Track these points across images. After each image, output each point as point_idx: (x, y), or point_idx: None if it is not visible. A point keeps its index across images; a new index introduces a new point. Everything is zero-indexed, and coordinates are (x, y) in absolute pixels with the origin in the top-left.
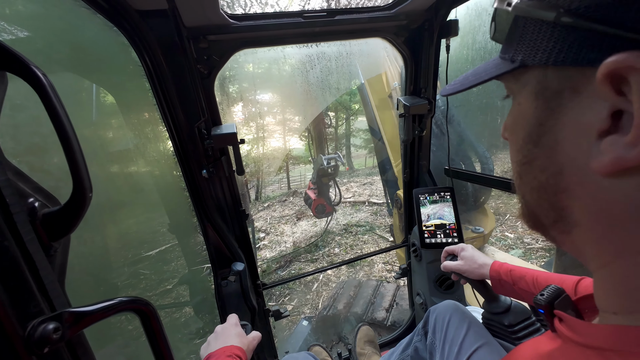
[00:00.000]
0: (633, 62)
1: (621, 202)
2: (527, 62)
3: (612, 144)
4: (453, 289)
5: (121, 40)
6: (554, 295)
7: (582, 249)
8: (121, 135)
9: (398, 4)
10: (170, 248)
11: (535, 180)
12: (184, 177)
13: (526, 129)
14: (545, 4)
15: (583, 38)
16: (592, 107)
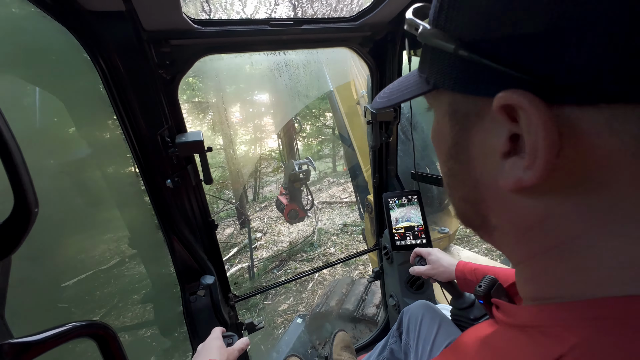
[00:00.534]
0: (517, 101)
1: (527, 215)
2: (438, 86)
3: (513, 166)
4: (424, 288)
5: (72, 42)
6: (490, 285)
7: (503, 249)
8: (73, 144)
9: (363, 16)
10: (132, 265)
11: (460, 191)
12: (146, 187)
13: (446, 145)
14: (446, 35)
15: (479, 71)
16: (494, 131)
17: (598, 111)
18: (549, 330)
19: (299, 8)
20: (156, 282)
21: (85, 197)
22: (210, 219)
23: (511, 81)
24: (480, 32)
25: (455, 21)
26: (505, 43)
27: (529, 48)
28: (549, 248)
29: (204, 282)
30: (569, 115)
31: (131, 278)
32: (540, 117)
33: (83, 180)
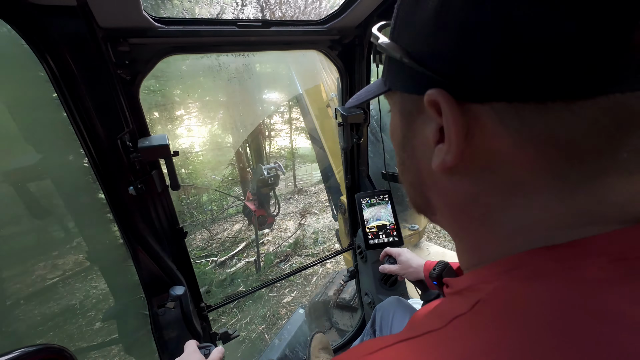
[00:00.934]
0: (436, 96)
1: (456, 192)
2: (392, 88)
3: (439, 151)
4: (397, 285)
5: (16, 39)
6: (442, 268)
7: (445, 227)
8: (19, 151)
9: (331, 20)
10: (91, 280)
11: (408, 177)
12: (105, 196)
13: (398, 138)
14: (396, 47)
15: (416, 75)
16: (429, 124)
17: (491, 108)
18: (476, 286)
19: (267, 10)
20: (120, 296)
21: (32, 209)
22: (179, 227)
23: (436, 83)
24: (417, 47)
25: (402, 37)
26: (431, 55)
27: (446, 59)
28: (474, 219)
29: (173, 293)
30: (474, 110)
31: (90, 294)
32: (450, 109)
33: (29, 191)
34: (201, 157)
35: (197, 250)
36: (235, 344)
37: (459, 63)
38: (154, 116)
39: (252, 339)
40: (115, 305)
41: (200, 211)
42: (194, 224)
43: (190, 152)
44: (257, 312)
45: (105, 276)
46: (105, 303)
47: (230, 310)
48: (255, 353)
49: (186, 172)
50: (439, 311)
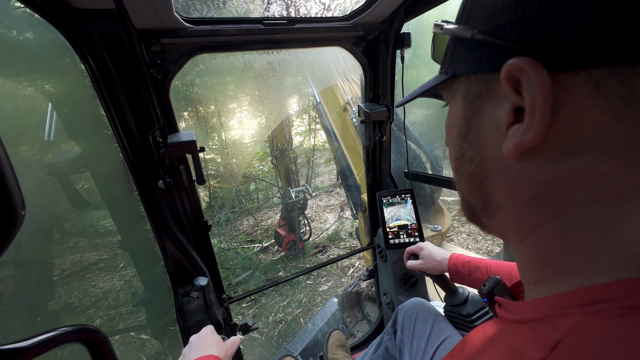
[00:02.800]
0: (520, 64)
1: (529, 182)
2: (456, 73)
3: (514, 131)
4: (417, 286)
5: (60, 41)
6: (494, 284)
7: (505, 230)
8: (62, 145)
9: (355, 16)
10: (123, 267)
11: (466, 170)
12: (137, 189)
13: (458, 128)
14: (465, 27)
15: (491, 50)
16: (501, 105)
17: (588, 75)
18: (551, 320)
19: (292, 7)
20: (148, 284)
21: (73, 199)
22: (204, 220)
23: (517, 53)
24: (491, 21)
25: (473, 17)
26: (510, 25)
27: (530, 27)
28: (551, 219)
29: (197, 284)
30: (564, 80)
31: (122, 280)
32: (537, 76)
33: (71, 183)
34: (250, 149)
35: (243, 235)
36: (273, 324)
37: (548, 27)
38: (210, 109)
39: (288, 320)
40: (143, 292)
41: (247, 199)
42: (241, 210)
43: (240, 143)
44: (295, 297)
45: (136, 265)
46: (135, 290)
47: (270, 293)
48: (290, 334)
49: (236, 162)
50: (504, 344)
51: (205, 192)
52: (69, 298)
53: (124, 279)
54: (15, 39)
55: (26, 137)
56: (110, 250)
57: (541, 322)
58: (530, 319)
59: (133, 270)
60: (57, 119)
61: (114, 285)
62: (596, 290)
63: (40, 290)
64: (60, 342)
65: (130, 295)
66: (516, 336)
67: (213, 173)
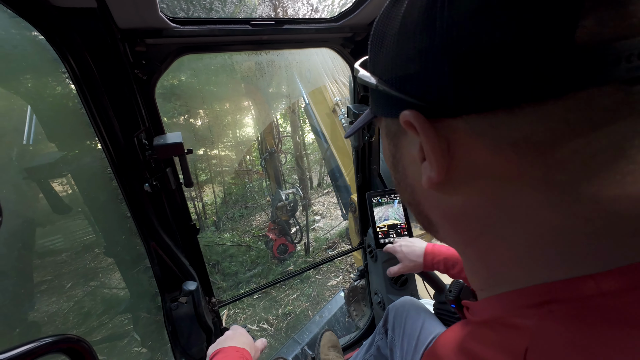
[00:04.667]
0: (407, 117)
1: (450, 207)
2: (376, 114)
3: (425, 167)
4: (407, 284)
5: (37, 40)
6: (458, 289)
7: (451, 244)
8: (40, 148)
9: (343, 17)
10: (107, 273)
11: (404, 197)
12: (122, 192)
13: (389, 161)
14: (371, 76)
15: (392, 99)
16: (414, 144)
17: (463, 121)
18: (509, 320)
19: (279, 8)
20: (134, 290)
21: (54, 204)
22: (192, 223)
23: (408, 104)
24: (388, 73)
25: (377, 67)
26: (401, 79)
27: (413, 82)
28: (478, 235)
29: (186, 288)
30: (450, 126)
31: (107, 287)
32: (422, 128)
33: (51, 187)
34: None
35: (255, 229)
36: (282, 316)
37: (425, 83)
38: (225, 107)
39: (297, 313)
40: (130, 298)
41: (260, 195)
42: (255, 206)
43: (252, 140)
44: (304, 290)
45: (122, 270)
46: (121, 296)
47: (280, 287)
48: (299, 325)
49: (250, 159)
50: (473, 353)
51: (220, 188)
52: (51, 308)
53: (109, 286)
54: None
55: (2, 140)
56: (93, 257)
57: (500, 322)
58: (488, 318)
59: (118, 276)
60: (36, 121)
61: (97, 291)
62: (544, 289)
63: (18, 300)
64: (40, 354)
65: (116, 303)
66: (480, 341)
67: (227, 169)
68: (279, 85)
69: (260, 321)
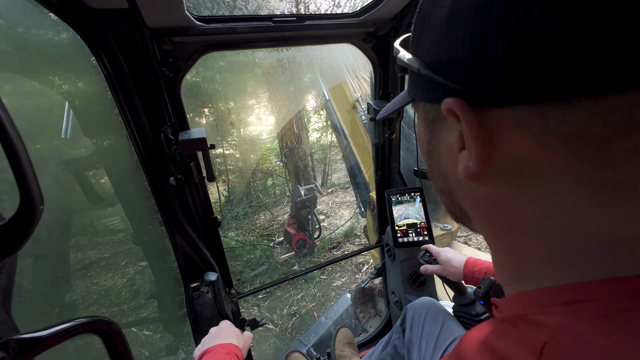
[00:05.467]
0: (450, 104)
1: (484, 199)
2: (415, 98)
3: (462, 156)
4: (425, 285)
5: (75, 40)
6: (489, 286)
7: (483, 235)
8: (76, 142)
9: (365, 12)
10: (135, 262)
11: (437, 185)
12: (149, 185)
13: (424, 147)
14: (414, 59)
15: (434, 84)
16: (452, 131)
17: (512, 111)
18: (532, 317)
19: (301, 4)
20: (160, 278)
21: (89, 195)
22: (213, 216)
23: (452, 91)
24: (433, 56)
25: (420, 49)
26: (446, 64)
27: (460, 67)
28: (511, 228)
29: (207, 279)
30: (495, 116)
31: (135, 274)
32: (466, 117)
33: (87, 179)
34: (268, 144)
35: (259, 229)
36: (287, 317)
37: (474, 70)
38: (245, 104)
39: (302, 314)
40: (155, 286)
41: (265, 194)
42: (259, 205)
43: (258, 139)
44: (309, 291)
45: (149, 259)
46: (147, 284)
47: (285, 286)
48: (304, 326)
49: (254, 158)
50: (495, 347)
51: (224, 186)
52: (85, 291)
53: (137, 273)
54: (34, 39)
55: (44, 134)
56: (123, 246)
57: (523, 319)
58: (513, 315)
59: (145, 264)
60: (73, 117)
61: (127, 278)
62: (574, 289)
63: (57, 282)
64: (76, 333)
65: (142, 290)
66: (503, 337)
67: (232, 168)
68: (300, 82)
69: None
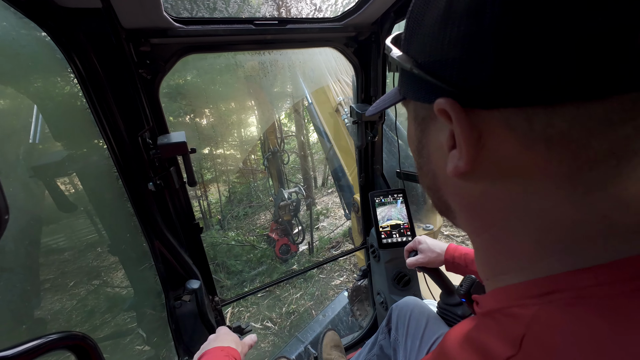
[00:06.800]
0: (443, 104)
1: (470, 196)
2: (406, 96)
3: (452, 155)
4: (410, 285)
5: (46, 40)
6: (470, 284)
7: (466, 231)
8: (47, 147)
9: (346, 17)
10: (112, 272)
11: (425, 182)
12: (126, 191)
13: (413, 145)
14: (406, 57)
15: (426, 84)
16: (442, 130)
17: (499, 113)
18: (510, 310)
19: (283, 8)
20: (138, 288)
21: (59, 203)
22: (195, 222)
23: (444, 91)
24: (425, 56)
25: (412, 47)
26: (439, 64)
27: (452, 68)
28: (492, 225)
29: (190, 287)
30: (483, 117)
31: (111, 285)
32: (458, 117)
33: (57, 185)
34: (249, 147)
35: (260, 229)
36: (286, 315)
37: (464, 71)
38: (229, 106)
39: (300, 312)
40: (135, 296)
41: (265, 194)
42: (259, 205)
43: (256, 140)
44: (308, 289)
45: (126, 268)
46: (126, 294)
47: (284, 285)
48: (302, 324)
49: (255, 158)
50: (475, 341)
51: (225, 187)
52: (57, 305)
53: (113, 284)
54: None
55: (10, 139)
56: (98, 255)
57: (501, 312)
58: (492, 309)
59: (122, 274)
60: (42, 120)
61: (102, 289)
62: (546, 281)
63: (25, 296)
64: (46, 350)
65: (120, 301)
66: (483, 331)
67: (232, 168)
68: (282, 85)
69: (263, 320)
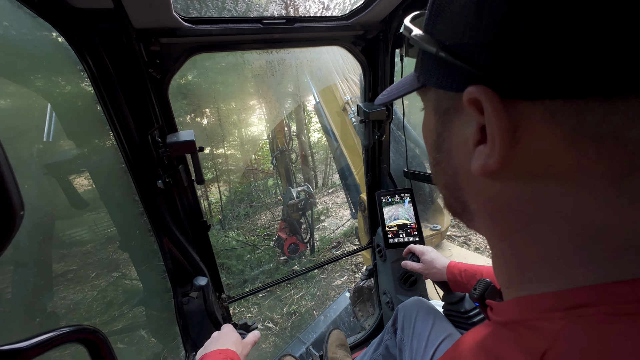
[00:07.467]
0: (477, 93)
1: (497, 197)
2: (426, 84)
3: (480, 152)
4: (416, 285)
5: (59, 40)
6: (484, 288)
7: (484, 234)
8: (60, 145)
9: (354, 15)
10: (122, 267)
11: (442, 179)
12: (136, 189)
13: (432, 139)
14: (431, 39)
15: (454, 70)
16: (469, 123)
17: (543, 105)
18: (533, 323)
19: (290, 6)
20: (147, 284)
21: (72, 200)
22: (203, 220)
23: (476, 78)
24: (455, 38)
25: (438, 28)
26: (472, 48)
27: (488, 52)
28: (519, 230)
29: (197, 284)
30: (522, 109)
31: (121, 281)
32: (494, 107)
33: (70, 183)
34: (268, 146)
35: (260, 229)
36: (287, 316)
37: (505, 55)
38: (235, 105)
39: (301, 312)
40: (143, 292)
41: (266, 194)
42: (260, 205)
43: (259, 140)
44: (309, 290)
45: (135, 264)
46: (135, 290)
47: (285, 286)
48: (304, 325)
49: (256, 158)
50: (491, 351)
51: (225, 187)
52: (69, 299)
53: (124, 279)
54: (14, 39)
55: (25, 137)
56: (108, 251)
57: (523, 324)
58: (512, 319)
59: (132, 270)
60: (56, 119)
61: (112, 285)
62: (576, 293)
63: (39, 291)
64: (59, 343)
65: (129, 296)
66: (501, 342)
67: (233, 168)
68: (290, 84)
69: (265, 320)
